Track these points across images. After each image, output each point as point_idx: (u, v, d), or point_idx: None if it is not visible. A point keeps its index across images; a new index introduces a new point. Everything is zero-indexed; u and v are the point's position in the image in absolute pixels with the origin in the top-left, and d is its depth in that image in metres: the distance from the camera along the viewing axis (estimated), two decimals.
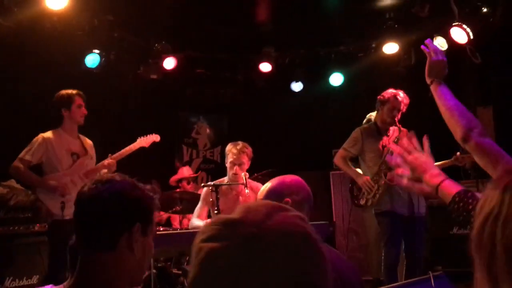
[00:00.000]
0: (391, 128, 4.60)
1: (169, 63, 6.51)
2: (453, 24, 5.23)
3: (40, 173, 4.30)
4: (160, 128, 7.39)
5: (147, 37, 6.45)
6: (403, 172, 1.76)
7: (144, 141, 4.77)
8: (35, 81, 5.02)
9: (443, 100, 1.95)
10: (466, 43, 5.26)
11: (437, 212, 5.35)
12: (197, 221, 4.19)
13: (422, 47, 2.11)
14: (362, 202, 4.61)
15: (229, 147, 4.32)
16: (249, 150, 4.29)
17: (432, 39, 5.51)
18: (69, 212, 4.12)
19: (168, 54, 6.43)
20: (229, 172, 4.22)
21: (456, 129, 1.85)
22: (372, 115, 5.42)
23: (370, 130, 4.75)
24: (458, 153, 4.79)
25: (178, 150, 7.77)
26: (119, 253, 1.41)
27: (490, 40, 5.53)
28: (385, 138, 4.61)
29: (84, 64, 5.85)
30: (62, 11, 4.92)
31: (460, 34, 5.24)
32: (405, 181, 1.75)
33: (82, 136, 4.55)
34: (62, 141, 4.35)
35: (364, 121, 5.52)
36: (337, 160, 4.88)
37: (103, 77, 6.11)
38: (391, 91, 4.57)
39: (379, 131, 4.69)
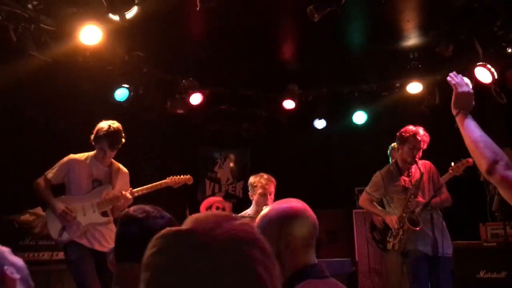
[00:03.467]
0: (413, 168, 4.57)
1: (196, 98, 6.65)
2: (477, 64, 5.23)
3: (63, 192, 4.31)
4: (183, 162, 7.53)
5: (175, 73, 6.63)
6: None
7: (173, 181, 4.59)
8: (67, 112, 5.19)
9: (469, 131, 1.93)
10: (491, 83, 5.25)
11: (463, 255, 5.21)
12: None
13: (448, 78, 2.12)
14: (388, 246, 4.54)
15: (255, 179, 4.34)
16: (274, 179, 4.37)
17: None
18: (65, 238, 4.09)
19: (194, 90, 6.58)
20: (258, 203, 4.24)
21: (481, 161, 1.82)
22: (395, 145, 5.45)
23: (390, 172, 4.71)
24: (452, 163, 4.64)
25: (200, 184, 7.82)
26: None
27: None
28: (405, 178, 4.57)
29: (114, 98, 6.03)
30: (94, 46, 5.11)
31: (484, 74, 5.23)
32: None
33: (116, 165, 4.44)
34: (88, 165, 4.31)
35: (389, 150, 5.54)
36: (362, 202, 4.88)
37: (131, 111, 6.27)
38: (410, 128, 4.54)
39: (399, 171, 4.65)
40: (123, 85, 6.04)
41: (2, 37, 4.59)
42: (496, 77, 5.17)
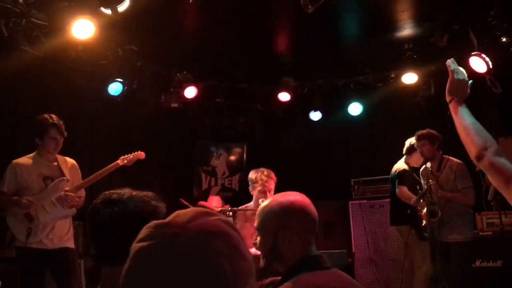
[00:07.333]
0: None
1: (190, 92, 6.62)
2: (472, 53, 5.22)
3: None
4: (179, 155, 7.51)
5: (169, 66, 6.59)
6: None
7: (126, 160, 4.49)
8: (60, 107, 5.12)
9: (461, 118, 1.94)
10: (486, 73, 5.23)
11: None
12: None
13: (448, 62, 2.11)
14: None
15: (255, 174, 4.23)
16: (274, 175, 4.27)
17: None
18: (34, 239, 4.00)
19: (189, 83, 6.54)
20: (257, 199, 4.13)
21: (471, 148, 1.84)
22: (411, 141, 5.41)
23: None
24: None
25: (196, 177, 7.81)
26: None
27: (511, 70, 5.50)
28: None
29: (107, 92, 5.98)
30: (87, 40, 5.06)
31: (479, 64, 5.22)
32: None
33: (61, 158, 4.35)
34: (34, 166, 4.20)
35: (405, 149, 5.50)
36: None
37: (125, 105, 6.24)
38: None
39: None
40: (116, 79, 6.00)
41: None
42: (491, 66, 5.16)
